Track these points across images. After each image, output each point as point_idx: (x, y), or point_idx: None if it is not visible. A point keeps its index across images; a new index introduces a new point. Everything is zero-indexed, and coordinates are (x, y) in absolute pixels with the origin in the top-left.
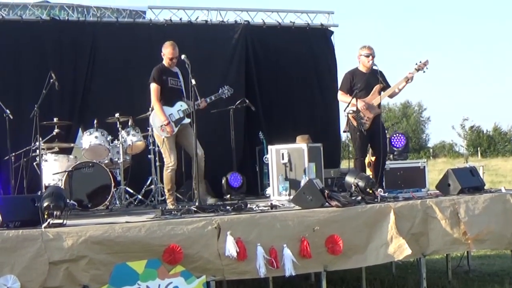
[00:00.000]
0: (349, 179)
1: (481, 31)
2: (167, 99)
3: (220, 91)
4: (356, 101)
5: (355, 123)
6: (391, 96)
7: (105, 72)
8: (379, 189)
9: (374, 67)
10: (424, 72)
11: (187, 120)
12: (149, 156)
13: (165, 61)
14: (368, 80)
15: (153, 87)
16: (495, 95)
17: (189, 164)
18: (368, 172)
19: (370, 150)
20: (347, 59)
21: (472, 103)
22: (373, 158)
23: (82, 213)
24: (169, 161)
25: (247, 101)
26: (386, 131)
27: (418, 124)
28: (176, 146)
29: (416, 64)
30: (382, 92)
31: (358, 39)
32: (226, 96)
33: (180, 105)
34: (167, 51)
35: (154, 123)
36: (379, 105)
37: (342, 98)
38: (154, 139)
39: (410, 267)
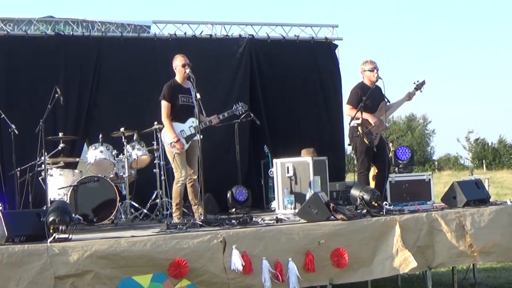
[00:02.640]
0: (355, 192)
1: (484, 42)
2: (179, 116)
3: (234, 107)
4: (361, 114)
5: (366, 140)
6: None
7: (110, 86)
8: (384, 202)
9: (380, 80)
10: (421, 91)
11: (197, 138)
12: (154, 170)
13: (177, 75)
14: (374, 96)
15: (164, 104)
16: (500, 107)
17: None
18: (373, 185)
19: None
20: (351, 73)
21: (477, 115)
22: (376, 171)
23: (88, 228)
24: (180, 175)
25: (252, 114)
26: (390, 145)
27: (423, 137)
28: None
29: (414, 83)
30: (387, 110)
31: (363, 53)
32: (240, 112)
33: (192, 122)
34: (178, 60)
35: (164, 140)
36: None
37: (351, 112)
38: (160, 153)
39: (416, 280)
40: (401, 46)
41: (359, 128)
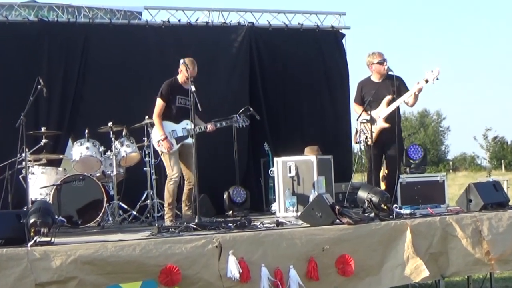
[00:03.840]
0: (362, 194)
1: (502, 34)
2: (173, 116)
3: (234, 119)
4: (366, 113)
5: (354, 140)
6: (407, 105)
7: (97, 77)
8: (394, 205)
9: (390, 73)
10: (433, 83)
11: (190, 140)
12: (144, 168)
13: (180, 76)
14: (378, 91)
15: (158, 102)
16: None
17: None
18: (382, 186)
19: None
20: (359, 64)
21: (496, 112)
22: (386, 172)
23: (72, 231)
24: (172, 172)
25: (251, 109)
26: (403, 143)
27: (437, 134)
28: None
29: (426, 72)
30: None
31: (372, 43)
32: (240, 126)
33: (186, 124)
34: (187, 67)
35: (152, 138)
36: (387, 118)
37: (357, 110)
38: (151, 150)
39: None
40: (414, 35)
41: (364, 126)
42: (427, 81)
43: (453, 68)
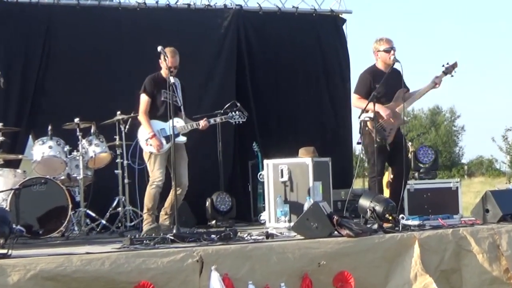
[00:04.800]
0: (364, 202)
1: None
2: (161, 113)
3: (230, 114)
4: (374, 105)
5: (377, 137)
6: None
7: (62, 67)
8: (400, 215)
9: (397, 63)
10: (452, 76)
11: (181, 139)
12: (116, 171)
13: (163, 70)
14: (389, 82)
15: (143, 98)
16: None
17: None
18: (387, 193)
19: (389, 167)
20: (362, 53)
21: None
22: (391, 177)
23: (32, 242)
24: (155, 176)
25: (238, 104)
26: (408, 144)
27: (450, 135)
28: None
29: (444, 66)
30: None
31: (376, 29)
32: (237, 122)
33: (176, 121)
34: (168, 58)
35: (140, 137)
36: (402, 114)
37: (359, 103)
38: (123, 150)
39: None
40: (426, 21)
41: (369, 124)
42: (446, 73)
43: (470, 59)
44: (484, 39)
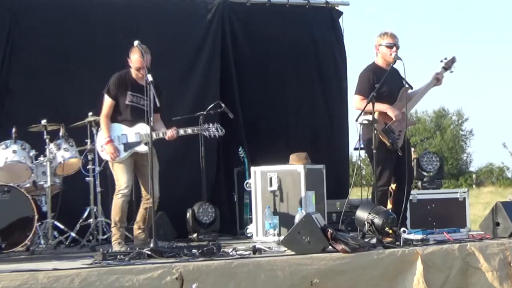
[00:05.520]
0: (362, 214)
1: None
2: (126, 116)
3: (205, 126)
4: (373, 106)
5: (387, 141)
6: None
7: (27, 64)
8: (402, 229)
9: (398, 61)
10: (452, 71)
11: (141, 148)
12: (87, 179)
13: (133, 69)
14: (392, 81)
15: (105, 99)
16: None
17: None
18: (389, 205)
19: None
20: (361, 50)
21: None
22: (393, 186)
23: None
24: (121, 184)
25: (222, 105)
26: (412, 150)
27: (457, 139)
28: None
29: (442, 61)
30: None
31: (377, 23)
32: (212, 136)
33: (141, 128)
34: (134, 57)
35: (97, 141)
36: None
37: (363, 105)
38: (95, 155)
39: None
40: (430, 15)
41: (376, 126)
42: (446, 68)
43: (478, 58)
44: (496, 34)
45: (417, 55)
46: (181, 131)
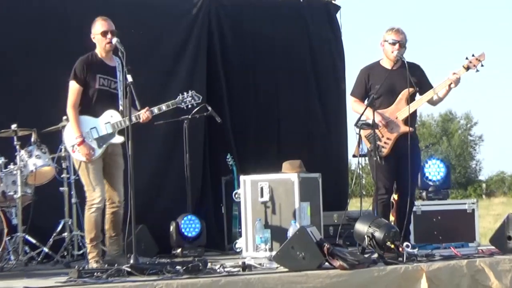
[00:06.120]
0: (361, 227)
1: None
2: (93, 105)
3: (179, 97)
4: (373, 110)
5: (368, 145)
6: (433, 103)
7: None
8: (405, 243)
9: (404, 61)
10: (477, 71)
11: (118, 139)
12: (61, 188)
13: (98, 47)
14: (392, 81)
15: (72, 86)
16: None
17: None
18: (391, 217)
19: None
20: (361, 48)
21: None
22: (395, 197)
23: None
24: (93, 195)
25: (209, 108)
26: (420, 158)
27: (465, 145)
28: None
29: (467, 59)
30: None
31: (380, 19)
32: (189, 106)
33: (111, 116)
34: (97, 25)
35: (66, 140)
36: (406, 120)
37: (355, 106)
38: (70, 162)
39: None
40: (439, 9)
41: (361, 132)
42: (467, 68)
43: (489, 56)
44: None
45: (424, 53)
46: (155, 110)
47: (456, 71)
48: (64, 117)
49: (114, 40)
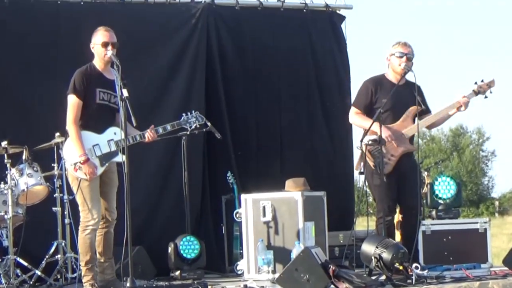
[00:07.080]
0: (368, 248)
1: None
2: (95, 121)
3: (183, 118)
4: (380, 125)
5: (371, 162)
6: (431, 126)
7: None
8: (414, 265)
9: (411, 75)
10: (486, 97)
11: (121, 158)
12: (54, 208)
13: (96, 58)
14: (399, 96)
15: (72, 100)
16: None
17: None
18: (397, 237)
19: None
20: (366, 60)
21: None
22: (400, 217)
23: None
24: (89, 216)
25: (209, 124)
26: (424, 174)
27: (477, 162)
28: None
29: (476, 84)
30: (418, 120)
31: (384, 30)
32: (193, 126)
33: (114, 133)
34: (98, 36)
35: (67, 157)
36: (412, 139)
37: (355, 119)
38: (63, 181)
39: None
40: (445, 20)
41: (364, 147)
42: (477, 92)
43: (501, 68)
44: None
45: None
46: (160, 130)
47: (466, 94)
48: (57, 134)
49: (109, 52)
